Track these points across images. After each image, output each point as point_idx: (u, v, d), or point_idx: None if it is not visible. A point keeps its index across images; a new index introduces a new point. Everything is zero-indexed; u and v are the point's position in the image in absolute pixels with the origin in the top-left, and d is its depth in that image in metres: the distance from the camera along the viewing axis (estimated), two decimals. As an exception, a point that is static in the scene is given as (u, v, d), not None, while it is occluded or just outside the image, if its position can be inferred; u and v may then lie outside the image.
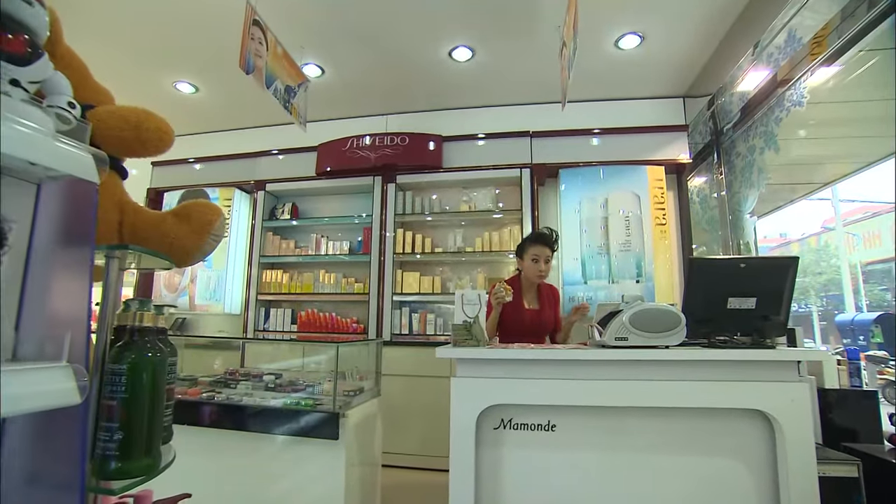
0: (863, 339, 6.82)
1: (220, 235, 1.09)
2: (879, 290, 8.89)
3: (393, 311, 3.88)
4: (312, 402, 2.08)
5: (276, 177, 4.43)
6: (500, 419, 1.89)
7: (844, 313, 8.19)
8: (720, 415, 1.76)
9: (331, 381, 2.46)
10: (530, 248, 2.57)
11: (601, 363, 1.81)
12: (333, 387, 2.00)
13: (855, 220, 9.94)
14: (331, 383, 2.41)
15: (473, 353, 1.86)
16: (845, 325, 7.46)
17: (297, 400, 2.08)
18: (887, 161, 2.53)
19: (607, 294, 3.42)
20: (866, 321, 6.95)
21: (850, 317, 7.55)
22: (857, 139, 2.69)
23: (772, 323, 1.79)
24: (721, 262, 1.82)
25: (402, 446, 3.61)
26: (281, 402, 2.09)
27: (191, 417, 2.08)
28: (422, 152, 4.00)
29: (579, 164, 3.70)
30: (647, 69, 3.63)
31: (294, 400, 2.09)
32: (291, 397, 2.23)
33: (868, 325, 6.81)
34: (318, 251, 4.29)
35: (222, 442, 2.06)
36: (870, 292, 8.98)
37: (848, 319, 7.50)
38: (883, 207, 8.91)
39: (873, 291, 8.96)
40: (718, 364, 1.75)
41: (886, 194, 7.27)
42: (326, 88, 4.00)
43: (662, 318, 1.77)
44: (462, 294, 2.01)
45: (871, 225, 9.50)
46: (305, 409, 2.01)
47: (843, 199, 9.29)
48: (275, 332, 4.29)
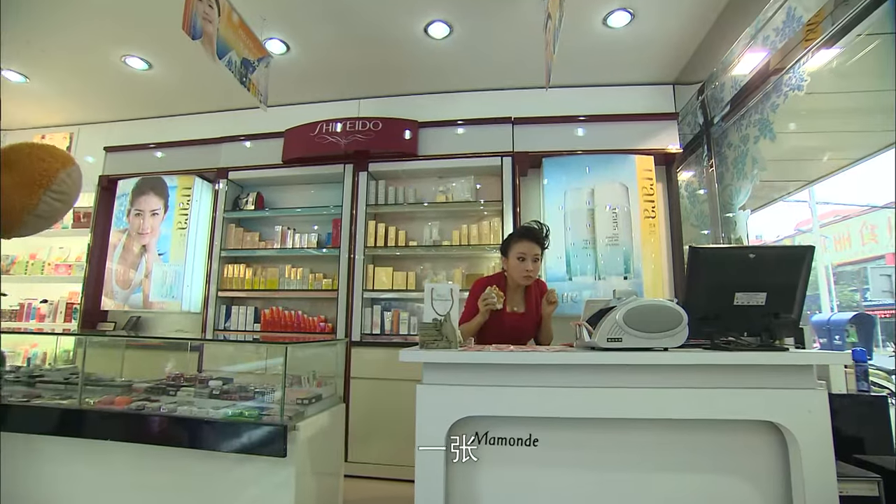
0: (838, 338, 6.81)
1: (68, 195, 0.78)
2: (849, 291, 9.26)
3: (364, 308, 3.60)
4: (257, 412, 1.79)
5: (239, 164, 4.11)
6: (474, 433, 1.63)
7: (821, 313, 8.25)
8: (726, 427, 1.54)
9: (289, 386, 2.17)
10: (516, 245, 2.29)
11: (591, 368, 1.57)
12: (281, 396, 1.72)
13: (826, 223, 10.18)
14: (289, 388, 2.12)
15: (443, 357, 1.60)
16: (821, 324, 7.46)
17: (239, 410, 1.78)
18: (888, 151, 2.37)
19: (593, 293, 3.20)
20: (842, 321, 6.94)
21: (827, 317, 7.57)
22: (862, 125, 2.51)
23: (783, 321, 1.58)
24: (728, 252, 1.60)
25: (371, 455, 3.34)
26: (221, 414, 1.79)
27: (112, 431, 1.77)
28: (396, 138, 3.72)
29: (564, 153, 3.47)
30: (636, 52, 3.42)
31: (236, 410, 1.79)
32: (237, 406, 1.94)
33: (844, 324, 6.81)
34: (285, 244, 3.98)
35: (148, 460, 1.76)
36: (840, 293, 9.28)
37: (824, 319, 7.50)
38: (853, 211, 9.11)
39: (843, 292, 9.28)
40: (724, 369, 1.52)
41: (858, 197, 7.30)
42: (292, 67, 3.69)
43: (662, 316, 1.54)
44: (432, 288, 1.75)
45: (840, 228, 9.87)
46: (248, 422, 1.72)
47: (820, 201, 9.42)
48: (236, 331, 3.97)
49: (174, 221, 4.14)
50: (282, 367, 1.79)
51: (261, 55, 2.98)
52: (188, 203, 4.17)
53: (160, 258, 4.11)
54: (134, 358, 3.40)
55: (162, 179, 4.23)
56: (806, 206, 9.83)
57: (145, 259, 4.13)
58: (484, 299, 2.12)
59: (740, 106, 3.17)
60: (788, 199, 3.43)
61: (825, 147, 2.69)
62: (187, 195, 4.19)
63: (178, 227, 4.13)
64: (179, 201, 4.18)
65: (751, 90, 3.02)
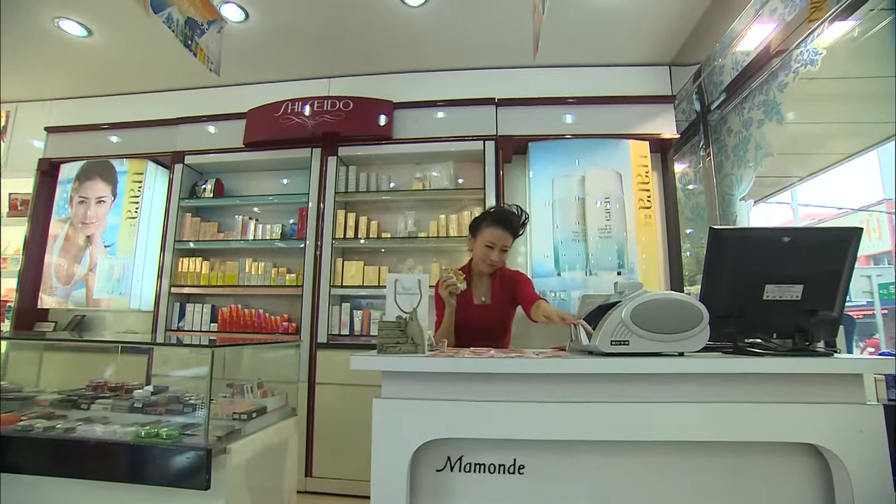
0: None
1: None
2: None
3: (331, 307, 3.25)
4: (177, 432, 1.44)
5: (197, 148, 3.72)
6: (445, 458, 1.31)
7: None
8: (754, 451, 1.25)
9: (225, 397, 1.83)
10: (487, 231, 2.02)
11: (590, 378, 1.26)
12: (206, 413, 1.38)
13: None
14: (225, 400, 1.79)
15: (408, 364, 1.28)
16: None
17: (154, 430, 1.43)
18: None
19: (584, 290, 2.90)
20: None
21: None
22: (886, 105, 2.26)
23: (822, 319, 1.29)
24: (757, 235, 1.31)
25: (338, 470, 3.00)
26: (130, 434, 1.44)
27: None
28: (369, 120, 3.38)
29: (551, 137, 3.18)
30: (630, 28, 3.14)
31: (150, 430, 1.44)
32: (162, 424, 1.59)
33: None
34: (246, 235, 3.61)
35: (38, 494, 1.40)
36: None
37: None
38: (828, 214, 9.10)
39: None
40: (753, 380, 1.23)
41: (835, 200, 7.20)
42: (254, 38, 3.33)
43: (678, 314, 1.24)
44: (396, 279, 1.43)
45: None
46: (162, 445, 1.37)
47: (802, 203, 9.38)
48: (191, 331, 3.58)
49: (123, 210, 3.74)
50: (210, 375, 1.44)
51: (211, 17, 2.62)
52: (139, 190, 3.77)
53: (107, 250, 3.70)
54: (72, 363, 3.02)
55: (110, 163, 3.82)
56: (788, 209, 9.82)
57: (90, 251, 3.72)
58: (444, 283, 1.82)
59: (742, 87, 2.92)
60: (769, 202, 3.21)
61: (840, 130, 2.45)
62: (139, 181, 3.79)
63: (127, 217, 3.73)
64: (130, 188, 3.78)
65: (755, 69, 2.77)
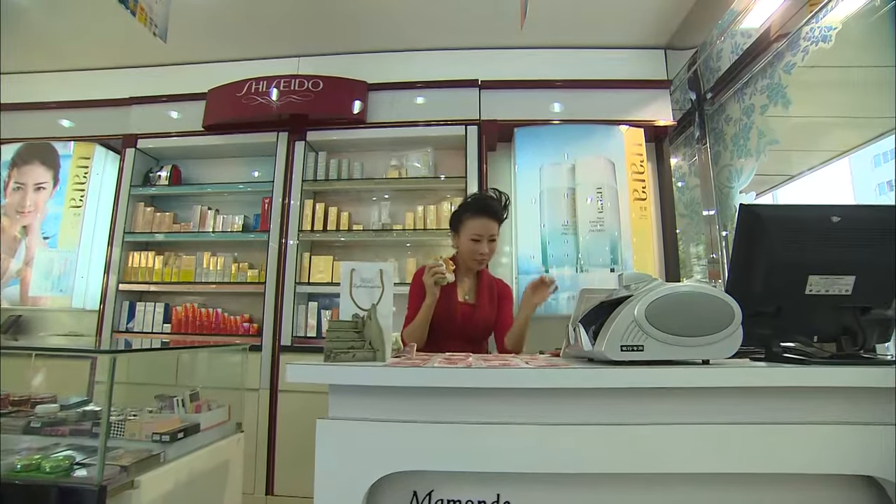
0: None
1: None
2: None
3: (297, 305, 2.95)
4: (68, 462, 1.13)
5: (152, 131, 3.39)
6: (411, 493, 1.04)
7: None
8: (798, 484, 1.00)
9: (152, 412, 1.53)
10: (470, 222, 1.81)
11: (594, 394, 1.00)
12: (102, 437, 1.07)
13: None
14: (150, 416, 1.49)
15: (362, 376, 1.00)
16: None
17: (37, 461, 1.12)
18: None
19: (573, 288, 2.65)
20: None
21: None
22: None
23: (876, 319, 1.05)
24: (800, 214, 1.06)
25: (305, 486, 2.69)
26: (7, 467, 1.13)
27: None
28: (341, 102, 3.09)
29: (539, 122, 2.93)
30: (622, 5, 2.90)
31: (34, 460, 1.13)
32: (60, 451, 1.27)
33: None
34: (204, 227, 3.28)
35: None
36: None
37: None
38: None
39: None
40: (798, 394, 0.98)
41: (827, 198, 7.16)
42: (214, 9, 3.00)
43: (705, 312, 0.98)
44: (352, 269, 1.14)
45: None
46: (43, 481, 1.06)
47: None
48: (142, 333, 3.23)
49: (66, 198, 3.38)
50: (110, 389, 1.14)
51: (157, -24, 2.30)
52: (86, 176, 3.42)
53: (46, 242, 3.34)
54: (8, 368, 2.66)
55: (51, 146, 3.46)
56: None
57: (26, 243, 3.34)
58: (431, 269, 1.56)
59: (743, 72, 2.71)
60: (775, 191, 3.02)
61: (855, 113, 2.24)
62: (85, 166, 3.44)
63: (71, 206, 3.37)
64: (74, 174, 3.42)
65: (758, 50, 2.56)
